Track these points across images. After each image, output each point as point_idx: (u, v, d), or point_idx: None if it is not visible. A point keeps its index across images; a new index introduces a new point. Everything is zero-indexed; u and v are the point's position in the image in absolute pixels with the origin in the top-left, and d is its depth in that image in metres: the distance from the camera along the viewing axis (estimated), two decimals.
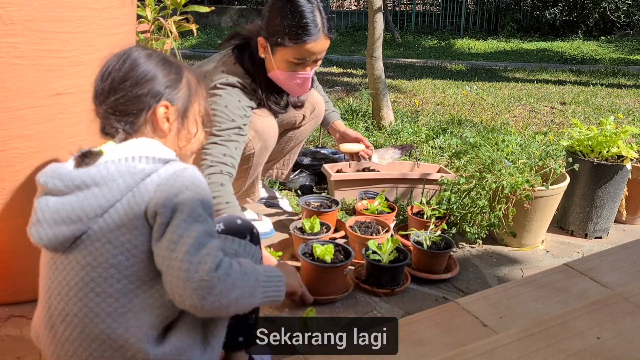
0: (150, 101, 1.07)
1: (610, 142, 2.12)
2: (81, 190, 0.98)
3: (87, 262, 0.98)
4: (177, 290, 0.94)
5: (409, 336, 1.24)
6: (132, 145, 1.04)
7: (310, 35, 1.66)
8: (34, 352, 1.39)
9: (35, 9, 1.29)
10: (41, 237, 0.99)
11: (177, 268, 0.94)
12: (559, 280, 1.50)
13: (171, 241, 0.95)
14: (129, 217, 0.97)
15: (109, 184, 0.97)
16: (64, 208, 0.97)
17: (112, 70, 1.06)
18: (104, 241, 0.97)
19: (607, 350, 1.04)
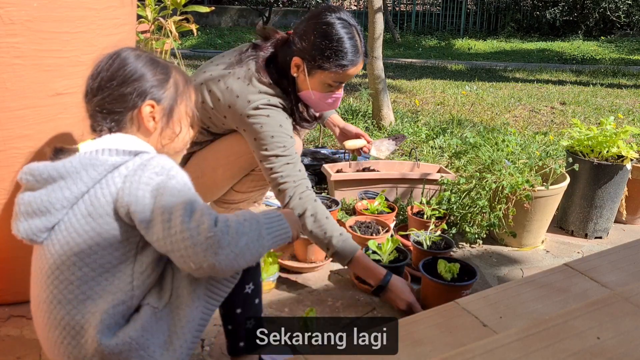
0: (136, 100, 1.09)
1: (610, 142, 2.12)
2: (49, 183, 1.03)
3: (55, 250, 1.03)
4: (190, 260, 0.96)
5: (409, 336, 1.24)
6: (104, 139, 1.08)
7: (353, 61, 1.65)
8: (34, 352, 1.39)
9: (35, 9, 1.29)
10: (19, 230, 1.04)
11: (181, 240, 0.96)
12: (559, 280, 1.50)
13: (164, 221, 0.98)
14: (95, 207, 1.01)
15: (73, 176, 1.02)
16: (35, 201, 1.03)
17: (101, 70, 1.10)
18: (71, 230, 1.02)
19: (607, 350, 1.03)
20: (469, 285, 1.58)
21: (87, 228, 1.01)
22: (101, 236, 1.01)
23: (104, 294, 1.02)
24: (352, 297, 1.71)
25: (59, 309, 1.02)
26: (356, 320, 1.58)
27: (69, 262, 1.01)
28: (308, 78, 1.68)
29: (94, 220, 1.01)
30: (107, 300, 1.01)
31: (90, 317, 1.01)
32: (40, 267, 1.05)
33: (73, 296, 1.01)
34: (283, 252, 1.86)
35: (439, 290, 1.58)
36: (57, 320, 1.02)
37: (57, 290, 1.02)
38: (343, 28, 1.63)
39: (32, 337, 1.45)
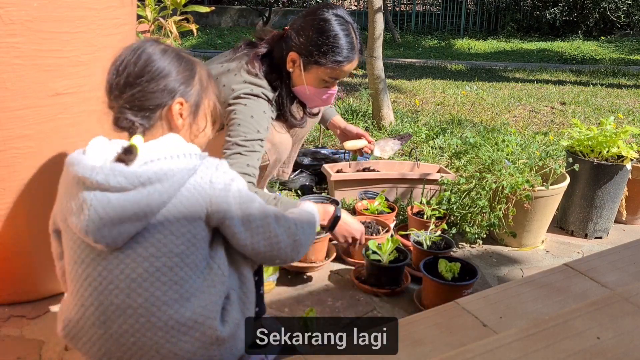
0: (166, 97, 1.10)
1: (610, 142, 2.12)
2: (144, 186, 1.00)
3: (150, 253, 1.01)
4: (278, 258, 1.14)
5: (409, 336, 1.24)
6: (165, 142, 1.07)
7: (348, 58, 1.69)
8: (34, 352, 1.39)
9: (35, 9, 1.29)
10: (103, 236, 0.98)
11: (275, 243, 1.12)
12: (559, 280, 1.50)
13: (258, 227, 1.11)
14: (189, 210, 1.03)
15: (170, 180, 1.01)
16: (130, 206, 0.98)
17: (127, 64, 1.07)
18: (166, 233, 1.02)
19: (607, 351, 1.03)
20: (470, 284, 1.58)
21: (184, 230, 1.03)
22: (195, 237, 1.05)
23: (206, 289, 1.06)
24: (352, 297, 1.71)
25: (165, 310, 1.02)
26: (356, 320, 1.58)
27: (171, 263, 1.02)
28: (304, 73, 1.71)
29: (190, 223, 1.04)
30: (212, 293, 1.07)
31: (202, 310, 1.04)
32: (123, 272, 1.01)
33: (178, 295, 1.03)
34: None
35: (440, 289, 1.58)
36: (163, 321, 1.02)
37: (159, 292, 1.02)
38: (339, 25, 1.67)
39: (32, 337, 1.45)
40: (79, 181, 1.00)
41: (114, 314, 1.01)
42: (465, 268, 1.64)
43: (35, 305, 1.57)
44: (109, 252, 1.02)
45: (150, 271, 1.01)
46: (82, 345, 1.06)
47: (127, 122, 1.07)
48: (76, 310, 1.05)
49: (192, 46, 8.54)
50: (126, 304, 1.01)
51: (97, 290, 1.02)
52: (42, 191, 1.45)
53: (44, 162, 1.42)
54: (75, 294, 1.05)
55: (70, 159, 1.05)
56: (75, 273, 1.05)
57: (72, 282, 1.06)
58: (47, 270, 1.57)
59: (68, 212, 1.03)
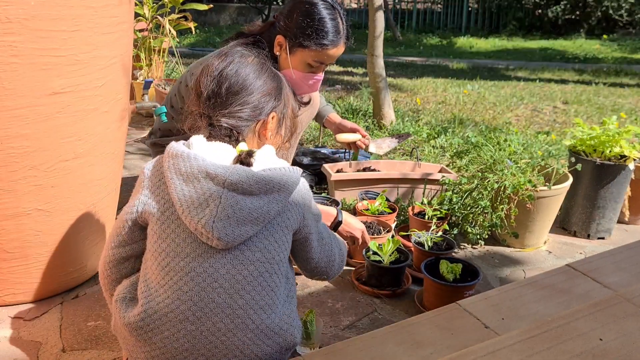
0: (264, 111, 1.15)
1: (613, 142, 2.11)
2: (267, 194, 1.04)
3: (257, 258, 1.05)
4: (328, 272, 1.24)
5: (410, 338, 1.23)
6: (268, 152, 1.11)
7: (334, 42, 1.72)
8: (31, 353, 1.38)
9: (32, 7, 1.28)
10: (227, 234, 1.01)
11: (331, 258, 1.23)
12: (561, 281, 1.49)
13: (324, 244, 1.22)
14: (291, 222, 1.10)
15: (286, 190, 1.06)
16: (255, 209, 1.03)
17: (228, 76, 1.12)
18: (272, 240, 1.07)
19: (610, 352, 1.02)
20: (472, 285, 1.57)
21: (284, 239, 1.09)
22: (288, 247, 1.12)
23: (287, 298, 1.13)
24: (352, 298, 1.69)
25: (261, 314, 1.05)
26: (356, 321, 1.57)
27: (272, 270, 1.07)
28: (289, 56, 1.75)
29: (288, 233, 1.10)
30: (292, 302, 1.14)
31: (286, 319, 1.10)
32: (229, 272, 1.03)
33: (272, 301, 1.07)
34: None
35: (442, 291, 1.57)
36: (256, 324, 1.05)
37: (259, 296, 1.05)
38: (326, 9, 1.71)
39: (29, 338, 1.44)
40: (207, 176, 1.02)
41: (213, 311, 1.03)
42: (467, 269, 1.63)
43: (32, 307, 1.56)
44: (217, 251, 1.03)
45: (255, 275, 1.05)
46: (161, 339, 1.04)
47: (226, 130, 1.11)
48: (168, 302, 1.04)
49: (190, 44, 8.53)
50: (227, 304, 1.03)
51: (200, 286, 1.02)
52: (40, 191, 1.45)
53: (41, 162, 1.41)
54: (171, 286, 1.04)
55: (187, 153, 1.05)
56: (176, 265, 1.04)
57: (168, 274, 1.04)
58: (45, 271, 1.56)
59: (185, 204, 1.02)
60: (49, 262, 1.56)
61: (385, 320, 1.58)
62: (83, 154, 1.50)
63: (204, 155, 1.05)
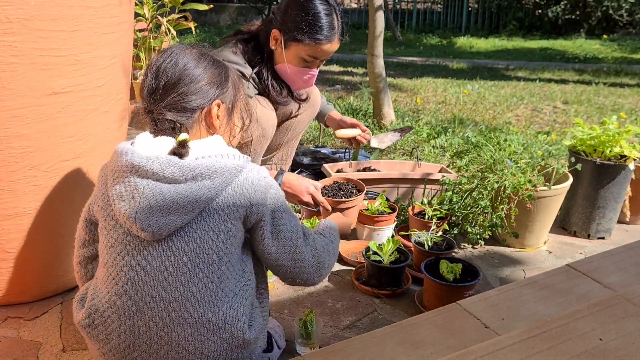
0: (205, 99, 1.13)
1: (613, 142, 2.10)
2: (195, 181, 1.02)
3: (190, 248, 1.02)
4: (299, 277, 1.14)
5: (410, 338, 1.23)
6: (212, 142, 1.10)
7: (328, 37, 1.74)
8: (31, 353, 1.38)
9: (32, 7, 1.28)
10: (150, 224, 1.00)
11: (299, 260, 1.13)
12: (561, 281, 1.48)
13: (285, 239, 1.12)
14: (231, 209, 1.05)
15: (220, 177, 1.03)
16: (180, 198, 1.00)
17: (165, 69, 1.11)
18: (208, 229, 1.03)
19: (610, 352, 1.03)
20: (472, 285, 1.57)
21: (225, 228, 1.05)
22: (234, 237, 1.07)
23: (239, 291, 1.07)
24: (352, 298, 1.69)
25: (198, 307, 1.02)
26: (356, 321, 1.57)
27: (209, 260, 1.03)
28: (284, 50, 1.77)
29: (230, 222, 1.05)
30: (244, 296, 1.08)
31: (232, 312, 1.05)
32: (162, 264, 1.02)
33: (213, 293, 1.03)
34: None
35: (442, 291, 1.56)
36: (195, 318, 1.02)
37: (196, 288, 1.02)
38: (321, 4, 1.73)
39: (29, 338, 1.44)
40: (133, 169, 1.02)
41: (147, 305, 1.02)
42: (467, 269, 1.63)
43: (32, 307, 1.56)
44: (150, 243, 1.02)
45: (189, 266, 1.02)
46: (105, 336, 1.05)
47: (169, 123, 1.10)
48: (107, 298, 1.05)
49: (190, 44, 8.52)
50: (161, 297, 1.02)
51: (133, 280, 1.02)
52: (39, 191, 1.44)
53: (40, 162, 1.41)
54: (110, 282, 1.05)
55: (121, 149, 1.07)
56: (113, 261, 1.05)
57: (107, 270, 1.06)
58: (44, 271, 1.56)
59: (116, 198, 1.03)
60: (49, 262, 1.55)
61: (385, 320, 1.58)
62: (83, 154, 1.50)
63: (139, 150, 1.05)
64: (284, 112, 2.05)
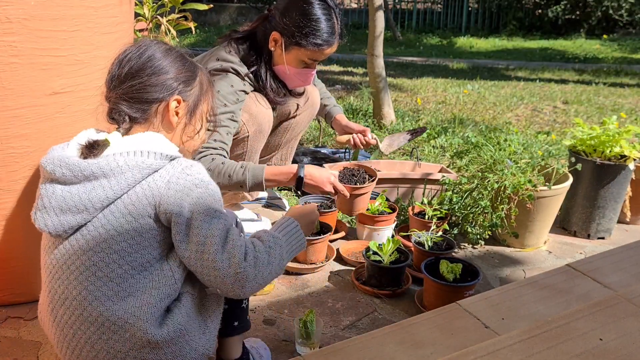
0: (164, 93, 1.10)
1: (613, 142, 2.10)
2: (89, 180, 1.00)
3: (90, 247, 1.01)
4: (217, 286, 1.03)
5: (410, 338, 1.23)
6: (138, 138, 1.06)
7: (329, 42, 1.76)
8: (31, 353, 1.38)
9: (32, 7, 1.28)
10: (46, 224, 1.01)
11: (212, 268, 1.01)
12: (561, 281, 1.49)
13: (198, 244, 1.01)
14: (137, 208, 1.01)
15: (118, 177, 1.00)
16: (71, 197, 1.00)
17: (130, 58, 1.09)
18: (108, 228, 1.01)
19: (610, 352, 1.03)
20: (472, 285, 1.57)
21: (128, 227, 1.01)
22: (142, 236, 1.02)
23: (146, 290, 1.03)
24: (352, 298, 1.69)
25: (96, 306, 1.01)
26: (356, 321, 1.57)
27: (109, 259, 1.01)
28: (285, 53, 1.78)
29: (135, 220, 1.02)
30: (152, 294, 1.03)
31: (135, 311, 1.01)
32: (65, 263, 1.03)
33: (113, 293, 1.01)
34: None
35: (442, 291, 1.56)
36: (94, 317, 1.01)
37: (93, 286, 1.01)
38: (322, 9, 1.74)
39: (29, 338, 1.44)
40: (40, 171, 1.05)
41: (57, 303, 1.05)
42: (467, 269, 1.63)
43: (32, 307, 1.56)
44: (58, 243, 1.04)
45: (87, 265, 1.01)
46: (46, 329, 1.10)
47: (120, 114, 1.08)
48: (42, 296, 1.11)
49: (191, 44, 8.52)
50: (65, 295, 1.03)
51: (48, 278, 1.06)
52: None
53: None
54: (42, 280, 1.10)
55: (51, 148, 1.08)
56: (41, 259, 1.10)
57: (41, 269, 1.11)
58: None
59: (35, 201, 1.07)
60: None
61: (385, 320, 1.58)
62: None
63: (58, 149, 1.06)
64: (282, 112, 2.05)
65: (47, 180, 1.03)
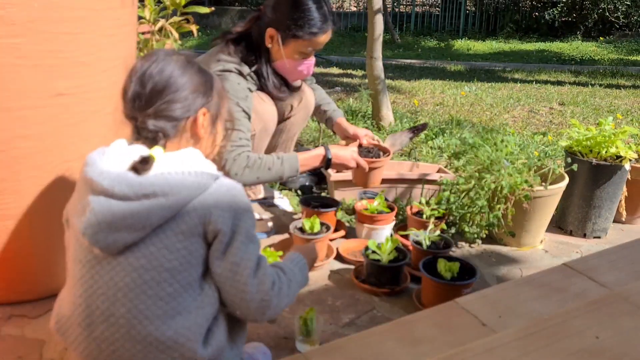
0: (193, 108, 1.10)
1: (608, 143, 2.13)
2: (148, 199, 0.99)
3: (141, 264, 1.00)
4: (239, 309, 1.06)
5: (409, 335, 1.24)
6: (182, 156, 1.07)
7: (323, 29, 1.78)
8: (35, 351, 1.39)
9: (36, 9, 1.29)
10: (98, 240, 0.99)
11: (241, 290, 1.04)
12: (557, 279, 1.50)
13: (233, 264, 1.04)
14: (188, 226, 1.01)
15: (176, 196, 1.00)
16: (130, 215, 0.98)
17: (152, 75, 1.07)
18: (160, 246, 1.00)
19: (606, 350, 1.03)
20: (469, 284, 1.59)
21: (179, 246, 1.01)
22: (192, 254, 1.03)
23: (193, 309, 1.03)
24: (352, 296, 1.71)
25: (146, 325, 1.00)
26: (356, 319, 1.59)
27: (160, 278, 1.00)
28: (282, 47, 1.79)
29: (186, 239, 1.02)
30: (199, 314, 1.03)
31: (184, 331, 1.01)
32: (112, 279, 1.01)
33: (162, 312, 1.01)
34: (283, 251, 1.86)
35: (439, 289, 1.58)
36: (142, 336, 1.00)
37: (143, 305, 1.00)
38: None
39: (33, 336, 1.45)
40: (87, 182, 1.02)
41: (98, 319, 1.01)
42: (464, 268, 1.64)
43: (36, 305, 1.57)
44: (103, 257, 1.02)
45: (137, 283, 1.00)
46: (70, 343, 1.07)
47: (151, 132, 1.06)
48: (68, 307, 1.06)
49: (193, 47, 8.53)
50: (110, 312, 1.00)
51: (87, 292, 1.02)
52: (43, 191, 1.46)
53: (44, 163, 1.43)
54: (70, 292, 1.06)
55: (88, 158, 1.06)
56: (73, 271, 1.06)
57: (69, 279, 1.08)
58: (48, 270, 1.57)
59: (72, 211, 1.05)
60: (53, 260, 1.57)
61: (384, 317, 1.59)
62: (86, 155, 1.50)
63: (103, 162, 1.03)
64: (278, 111, 2.06)
65: (99, 194, 1.00)
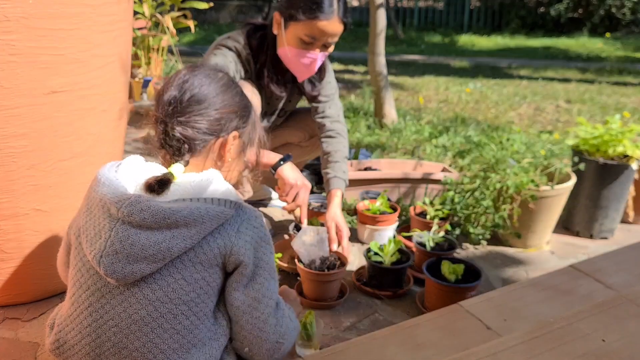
0: (225, 128, 1.07)
1: (616, 141, 2.09)
2: (170, 229, 0.94)
3: (157, 297, 0.96)
4: (250, 345, 1.03)
5: (411, 339, 1.22)
6: (205, 179, 1.02)
7: (324, 13, 1.67)
8: (29, 354, 1.38)
9: (30, 5, 1.27)
10: (115, 271, 0.93)
11: (258, 328, 1.02)
12: (564, 282, 1.48)
13: (254, 299, 1.01)
14: (207, 257, 0.98)
15: (198, 226, 0.95)
16: (151, 246, 0.93)
17: (192, 85, 1.04)
18: (178, 277, 0.96)
19: (613, 353, 1.02)
20: (474, 286, 1.56)
21: (198, 277, 0.97)
22: (209, 285, 0.99)
23: (207, 341, 1.00)
24: (353, 299, 1.68)
25: (160, 358, 0.96)
26: (357, 323, 1.56)
27: (177, 311, 0.96)
28: (284, 32, 1.74)
29: (205, 270, 0.98)
30: (213, 346, 1.01)
31: None
32: (126, 311, 0.96)
33: (178, 345, 0.97)
34: (282, 253, 1.83)
35: (443, 292, 1.55)
36: None
37: (159, 339, 0.96)
38: None
39: (27, 339, 1.43)
40: (103, 205, 0.96)
41: (109, 351, 0.97)
42: (469, 269, 1.61)
43: (30, 308, 1.56)
44: (115, 287, 0.96)
45: (154, 316, 0.96)
46: None
47: (178, 141, 1.02)
48: (73, 335, 1.01)
49: (190, 43, 8.52)
50: (122, 344, 0.96)
51: (97, 323, 0.98)
52: (38, 191, 1.44)
53: (39, 162, 1.41)
54: (75, 319, 1.01)
55: (100, 177, 1.00)
56: (79, 297, 1.00)
57: (73, 305, 1.02)
58: (43, 272, 1.55)
59: (84, 234, 0.99)
60: (47, 263, 1.55)
61: (386, 321, 1.57)
62: (81, 153, 1.49)
63: (119, 180, 0.98)
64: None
65: (116, 220, 0.94)
